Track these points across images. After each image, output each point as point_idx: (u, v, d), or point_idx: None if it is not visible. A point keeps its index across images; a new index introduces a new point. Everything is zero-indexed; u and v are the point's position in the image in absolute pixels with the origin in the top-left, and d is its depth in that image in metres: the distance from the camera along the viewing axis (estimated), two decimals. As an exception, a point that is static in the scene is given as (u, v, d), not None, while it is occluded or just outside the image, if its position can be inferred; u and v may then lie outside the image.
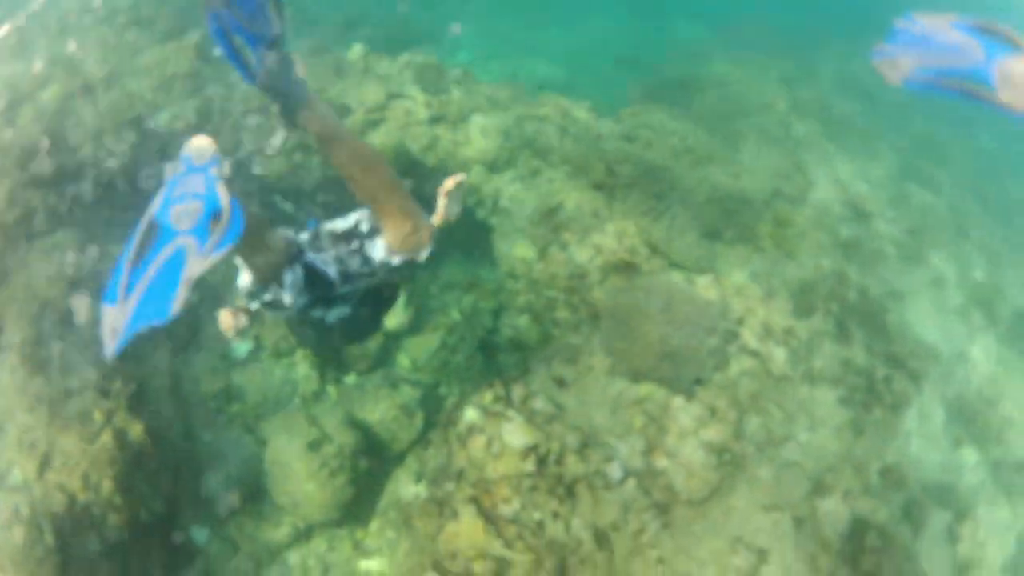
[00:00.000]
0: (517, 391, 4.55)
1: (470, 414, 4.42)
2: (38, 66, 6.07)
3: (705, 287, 5.57)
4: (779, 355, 5.61)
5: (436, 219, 3.12)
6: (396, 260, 3.07)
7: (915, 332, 6.88)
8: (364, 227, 3.11)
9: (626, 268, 5.30)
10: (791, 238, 6.72)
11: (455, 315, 5.40)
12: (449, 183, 3.09)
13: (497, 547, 3.83)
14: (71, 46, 6.41)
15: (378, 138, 5.80)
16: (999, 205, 9.65)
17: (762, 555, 4.71)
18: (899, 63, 1.91)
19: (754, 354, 5.45)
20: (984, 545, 5.89)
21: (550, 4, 11.72)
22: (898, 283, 7.27)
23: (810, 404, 5.63)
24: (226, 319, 2.92)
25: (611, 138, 6.61)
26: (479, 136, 6.12)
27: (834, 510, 5.17)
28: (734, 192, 6.75)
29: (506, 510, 3.99)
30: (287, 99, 2.65)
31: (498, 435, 4.29)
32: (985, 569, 5.76)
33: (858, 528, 5.16)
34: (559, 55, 10.21)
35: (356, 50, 6.98)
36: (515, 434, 4.29)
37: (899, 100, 9.49)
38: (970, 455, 6.49)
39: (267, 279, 3.00)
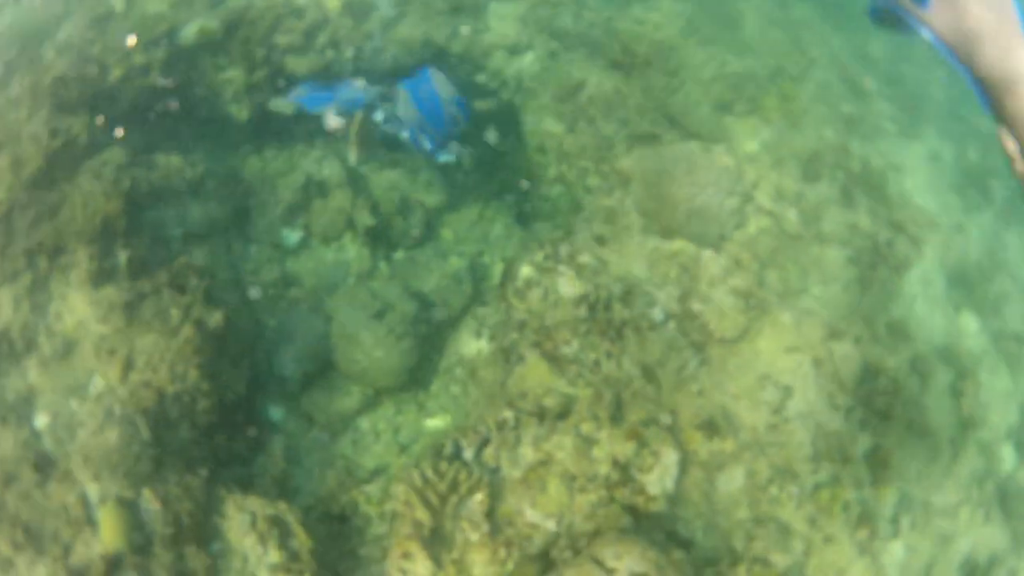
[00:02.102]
0: (564, 249, 4.92)
1: (525, 271, 4.80)
2: (54, 3, 6.01)
3: (721, 155, 5.89)
4: (791, 215, 5.99)
5: None
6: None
7: (915, 202, 7.21)
8: None
9: (650, 139, 5.60)
10: (796, 112, 7.00)
11: (488, 189, 5.70)
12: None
13: (562, 384, 4.27)
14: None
15: (404, 30, 5.95)
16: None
17: (787, 391, 5.20)
18: None
19: (769, 214, 5.83)
20: (987, 407, 6.23)
21: None
22: (897, 157, 7.56)
23: (821, 261, 6.04)
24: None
25: (622, 20, 6.78)
26: (497, 23, 6.28)
27: (848, 353, 5.63)
28: (740, 69, 6.99)
29: (567, 351, 4.41)
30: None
31: (553, 287, 4.69)
32: (988, 430, 6.15)
33: (870, 372, 5.63)
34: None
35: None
36: (567, 286, 4.68)
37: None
38: (971, 322, 6.82)
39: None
